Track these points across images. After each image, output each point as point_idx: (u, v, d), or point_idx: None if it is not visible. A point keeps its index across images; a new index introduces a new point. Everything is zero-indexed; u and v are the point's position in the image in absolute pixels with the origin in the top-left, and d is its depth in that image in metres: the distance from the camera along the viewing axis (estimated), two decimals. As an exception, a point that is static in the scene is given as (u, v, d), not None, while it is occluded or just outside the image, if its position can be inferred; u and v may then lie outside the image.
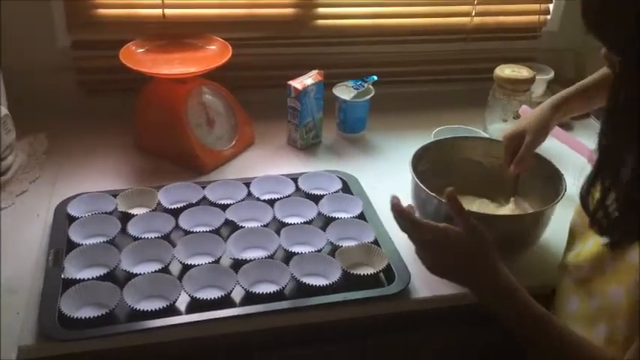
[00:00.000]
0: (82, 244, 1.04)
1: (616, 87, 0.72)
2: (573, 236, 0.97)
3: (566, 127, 1.51)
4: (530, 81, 1.39)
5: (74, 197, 1.15)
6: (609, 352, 0.81)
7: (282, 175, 1.25)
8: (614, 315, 0.82)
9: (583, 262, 0.89)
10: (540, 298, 0.85)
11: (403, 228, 0.89)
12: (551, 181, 1.11)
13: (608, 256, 0.84)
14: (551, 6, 1.65)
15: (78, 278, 0.98)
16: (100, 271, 1.00)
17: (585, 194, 0.80)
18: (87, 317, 0.92)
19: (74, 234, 1.07)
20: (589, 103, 1.16)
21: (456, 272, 0.86)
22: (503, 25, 1.64)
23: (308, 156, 1.38)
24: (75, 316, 0.92)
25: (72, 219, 1.11)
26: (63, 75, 1.43)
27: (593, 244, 0.89)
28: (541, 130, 1.12)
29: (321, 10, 1.52)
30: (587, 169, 0.81)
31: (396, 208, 0.87)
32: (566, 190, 1.05)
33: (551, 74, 1.55)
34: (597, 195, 0.78)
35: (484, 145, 1.22)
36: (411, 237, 0.88)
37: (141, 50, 1.34)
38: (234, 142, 1.36)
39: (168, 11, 1.42)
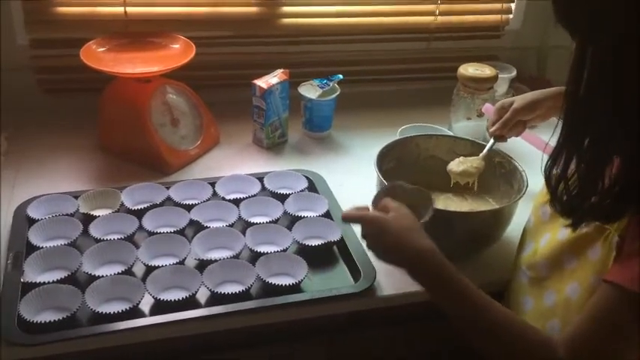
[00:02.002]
0: (43, 247, 1.02)
1: (578, 71, 0.73)
2: (525, 237, 0.99)
3: (531, 125, 1.54)
4: (493, 79, 1.40)
5: (34, 199, 1.13)
6: (544, 333, 0.82)
7: (248, 174, 1.24)
8: (569, 311, 0.84)
9: (540, 259, 0.91)
10: (498, 297, 0.86)
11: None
12: (514, 179, 1.12)
13: (566, 253, 0.86)
14: (513, 5, 1.68)
15: (38, 282, 0.96)
16: (60, 274, 0.98)
17: (549, 171, 0.81)
18: (47, 321, 0.90)
19: (34, 236, 1.05)
20: None
21: (390, 254, 0.88)
22: (466, 24, 1.66)
23: (274, 155, 1.38)
24: (35, 320, 0.90)
25: (32, 221, 1.08)
26: (22, 74, 1.40)
27: (548, 241, 0.90)
28: (530, 104, 1.14)
29: (286, 9, 1.51)
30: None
31: (344, 217, 0.92)
32: (527, 188, 1.06)
33: (514, 72, 1.58)
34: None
35: (448, 142, 1.23)
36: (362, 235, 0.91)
37: (102, 49, 1.31)
38: (199, 142, 1.34)
39: (130, 9, 1.40)
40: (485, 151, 1.16)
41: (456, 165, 1.16)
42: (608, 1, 0.69)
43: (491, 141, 1.17)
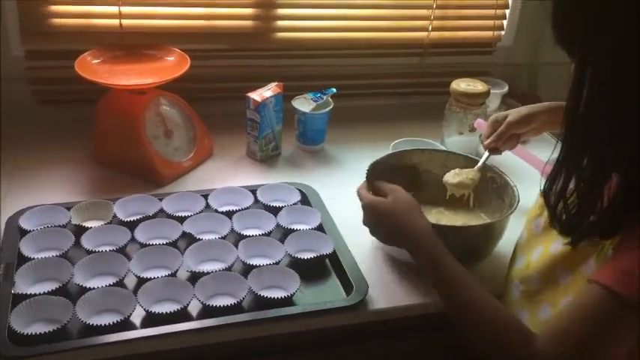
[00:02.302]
0: (34, 258, 1.02)
1: (577, 90, 0.75)
2: (516, 250, 1.00)
3: (523, 140, 1.55)
4: (485, 95, 1.42)
5: (26, 210, 1.13)
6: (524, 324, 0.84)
7: (241, 187, 1.24)
8: None
9: (533, 273, 0.91)
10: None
11: None
12: (505, 193, 1.13)
13: (559, 267, 0.86)
14: (505, 22, 1.70)
15: (29, 293, 0.96)
16: (52, 286, 0.97)
17: (548, 191, 0.82)
18: (38, 333, 0.90)
19: (25, 248, 1.05)
20: None
21: (392, 238, 0.95)
22: (459, 40, 1.68)
23: (267, 168, 1.38)
24: (26, 332, 0.90)
25: (23, 232, 1.08)
26: (16, 85, 1.40)
27: (540, 254, 0.91)
28: (525, 118, 1.15)
29: (281, 23, 1.53)
30: (541, 181, 0.84)
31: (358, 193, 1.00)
32: (519, 203, 1.07)
33: (506, 88, 1.59)
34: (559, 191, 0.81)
35: (441, 157, 1.24)
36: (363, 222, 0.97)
37: (97, 61, 1.32)
38: (192, 154, 1.35)
39: (125, 22, 1.40)
40: (480, 163, 1.17)
41: (452, 177, 1.16)
42: (605, 16, 0.70)
43: (486, 154, 1.18)
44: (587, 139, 0.76)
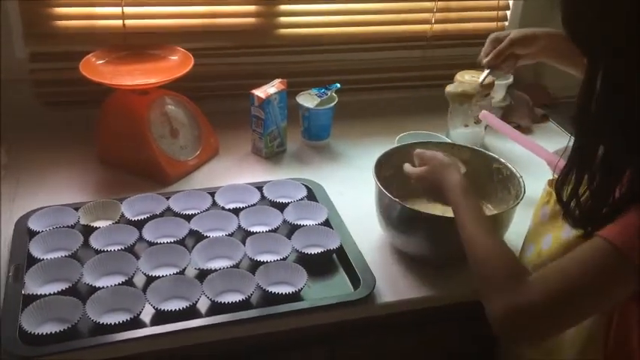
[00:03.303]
0: (43, 259, 1.03)
1: (589, 86, 0.75)
2: (525, 241, 1.00)
3: (526, 130, 1.55)
4: (490, 86, 1.41)
5: (35, 211, 1.14)
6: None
7: (247, 184, 1.25)
8: None
9: (547, 259, 0.91)
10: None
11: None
12: (511, 184, 1.13)
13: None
14: (508, 12, 1.69)
15: (39, 294, 0.97)
16: (61, 286, 0.98)
17: (560, 186, 0.82)
18: (49, 333, 0.90)
19: (35, 249, 1.05)
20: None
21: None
22: (462, 31, 1.67)
23: (273, 164, 1.39)
24: (36, 332, 0.91)
25: (33, 233, 1.09)
26: (21, 87, 1.41)
27: (552, 242, 0.91)
28: (526, 38, 1.15)
29: (283, 20, 1.53)
30: (547, 172, 0.84)
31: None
32: (525, 193, 1.07)
33: (510, 79, 1.58)
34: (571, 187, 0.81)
35: (446, 149, 1.22)
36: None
37: (101, 62, 1.32)
38: (198, 152, 1.35)
39: (128, 22, 1.41)
40: (481, 78, 1.16)
41: (454, 87, 1.16)
42: (617, 14, 0.70)
43: (486, 71, 1.17)
44: (600, 135, 0.76)
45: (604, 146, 0.76)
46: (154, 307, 0.96)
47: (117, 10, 1.39)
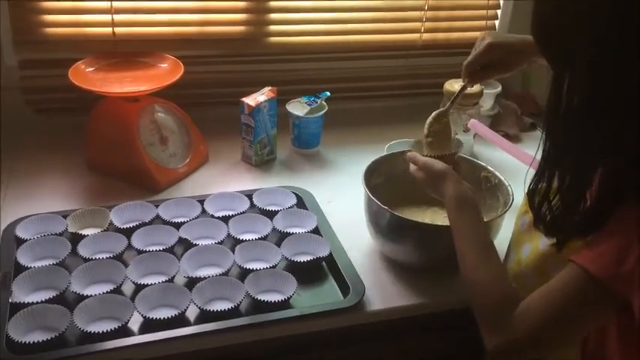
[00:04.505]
0: (31, 267, 1.02)
1: (557, 90, 0.76)
2: (508, 248, 1.01)
3: (515, 139, 1.56)
4: (479, 95, 1.42)
5: (23, 219, 1.13)
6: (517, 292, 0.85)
7: (237, 191, 1.25)
8: None
9: (525, 269, 0.92)
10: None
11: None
12: (499, 192, 1.14)
13: (550, 263, 0.87)
14: (497, 22, 1.70)
15: (26, 302, 0.96)
16: (49, 294, 0.97)
17: (532, 193, 0.83)
18: (36, 341, 0.90)
19: (22, 257, 1.05)
20: None
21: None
22: (451, 41, 1.68)
23: (262, 172, 1.39)
24: (24, 341, 0.90)
25: (20, 241, 1.08)
26: (10, 94, 1.40)
27: (530, 251, 0.92)
28: (507, 43, 1.11)
29: (273, 28, 1.53)
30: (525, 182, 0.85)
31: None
32: (513, 201, 1.08)
33: (499, 88, 1.60)
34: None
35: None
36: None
37: (91, 69, 1.32)
38: (188, 160, 1.35)
39: (118, 29, 1.41)
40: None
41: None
42: (582, 19, 0.71)
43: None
44: (569, 141, 0.77)
45: (573, 152, 0.77)
46: (142, 316, 0.95)
47: (107, 17, 1.39)
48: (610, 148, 0.74)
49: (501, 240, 1.08)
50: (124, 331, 0.94)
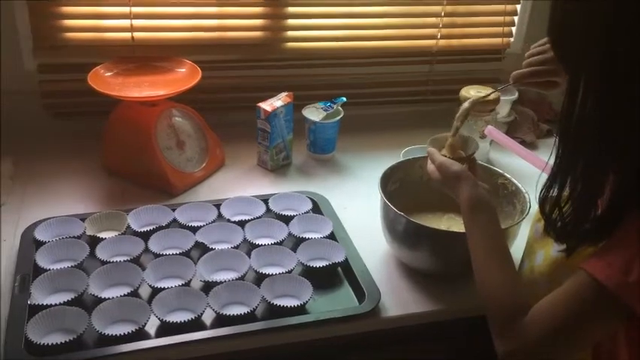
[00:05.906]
0: (49, 269, 1.03)
1: (571, 97, 0.76)
2: (523, 255, 1.00)
3: (531, 145, 1.55)
4: (495, 102, 1.42)
5: (41, 222, 1.14)
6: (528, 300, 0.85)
7: (253, 196, 1.25)
8: None
9: (538, 276, 0.92)
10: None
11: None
12: (516, 199, 1.13)
13: (562, 268, 0.87)
14: (513, 29, 1.70)
15: (45, 304, 0.97)
16: (67, 297, 0.98)
17: (543, 199, 0.83)
18: (54, 343, 0.91)
19: (41, 259, 1.06)
20: None
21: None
22: (467, 47, 1.68)
23: (278, 177, 1.39)
24: (42, 343, 0.91)
25: (39, 244, 1.09)
26: (30, 99, 1.42)
27: (543, 258, 0.91)
28: None
29: (290, 34, 1.54)
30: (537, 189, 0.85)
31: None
32: (530, 208, 1.07)
33: (515, 95, 1.59)
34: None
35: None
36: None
37: (109, 73, 1.33)
38: (204, 164, 1.36)
39: (137, 34, 1.42)
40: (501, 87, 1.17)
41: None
42: (598, 27, 0.71)
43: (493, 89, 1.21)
44: (581, 147, 0.76)
45: (585, 159, 0.76)
46: (159, 319, 0.96)
47: (126, 22, 1.40)
48: (622, 154, 0.74)
49: (517, 248, 1.07)
50: (140, 334, 0.94)
